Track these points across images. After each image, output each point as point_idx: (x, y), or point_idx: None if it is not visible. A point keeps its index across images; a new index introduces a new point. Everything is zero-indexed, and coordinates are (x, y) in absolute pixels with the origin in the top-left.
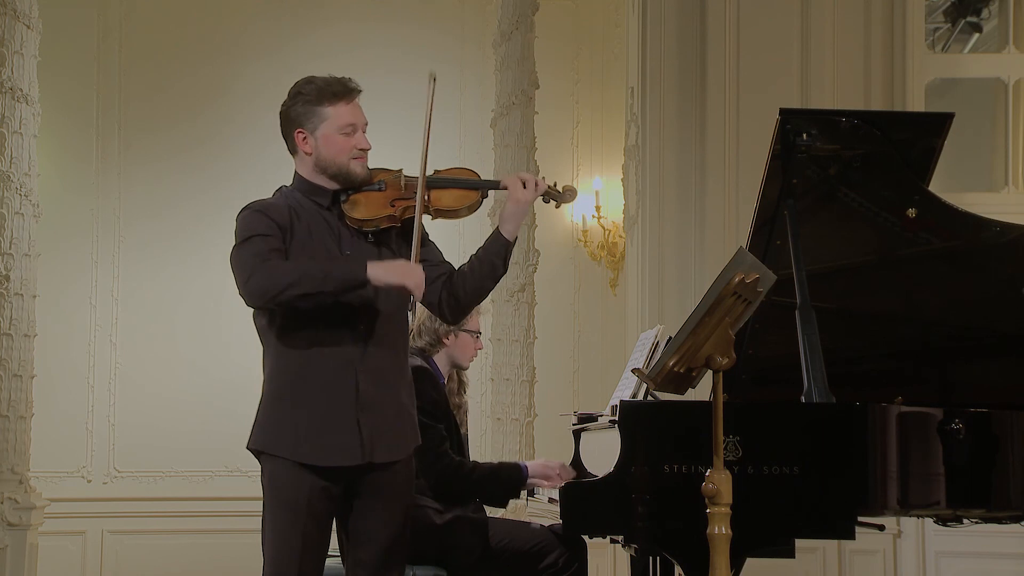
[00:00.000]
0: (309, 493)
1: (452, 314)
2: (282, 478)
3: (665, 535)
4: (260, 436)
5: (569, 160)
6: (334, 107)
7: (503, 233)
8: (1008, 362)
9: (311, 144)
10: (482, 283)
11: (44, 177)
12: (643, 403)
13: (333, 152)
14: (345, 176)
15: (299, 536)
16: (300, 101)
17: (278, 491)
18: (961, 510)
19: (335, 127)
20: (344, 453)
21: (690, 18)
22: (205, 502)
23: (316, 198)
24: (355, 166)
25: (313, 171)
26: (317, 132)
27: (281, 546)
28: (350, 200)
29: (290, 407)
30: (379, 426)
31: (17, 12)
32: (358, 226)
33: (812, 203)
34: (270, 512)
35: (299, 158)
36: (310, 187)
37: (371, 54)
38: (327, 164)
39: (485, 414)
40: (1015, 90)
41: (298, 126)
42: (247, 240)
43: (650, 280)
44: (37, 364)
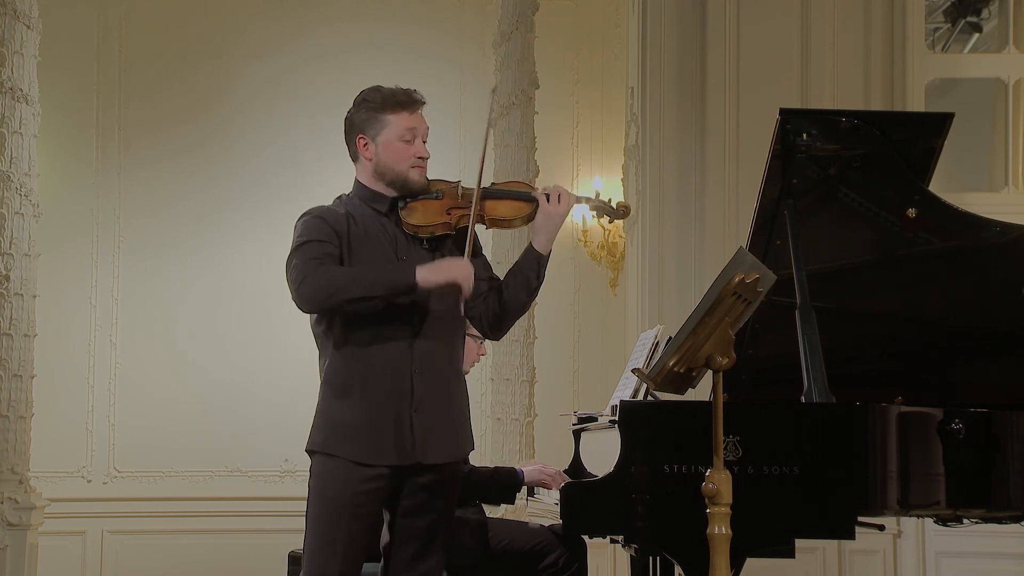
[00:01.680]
0: (355, 493)
1: (492, 329)
2: (332, 476)
3: (665, 535)
4: (317, 437)
5: (569, 160)
6: (396, 115)
7: (534, 246)
8: (1008, 362)
9: (372, 150)
10: (518, 297)
11: (44, 177)
12: (643, 403)
13: (392, 159)
14: (403, 183)
15: (343, 535)
16: (365, 108)
17: (325, 490)
18: (961, 510)
19: (396, 134)
20: (395, 453)
21: (690, 18)
22: (205, 502)
23: (374, 204)
24: (413, 174)
25: (372, 177)
26: (378, 138)
27: (323, 544)
28: (408, 207)
29: (346, 408)
30: (432, 427)
31: (17, 12)
32: (414, 232)
33: (812, 203)
34: (315, 508)
35: (360, 164)
36: (369, 193)
37: (371, 54)
38: (386, 170)
39: (485, 414)
40: (1015, 90)
41: (360, 132)
42: (302, 245)
43: (650, 280)
44: (37, 364)
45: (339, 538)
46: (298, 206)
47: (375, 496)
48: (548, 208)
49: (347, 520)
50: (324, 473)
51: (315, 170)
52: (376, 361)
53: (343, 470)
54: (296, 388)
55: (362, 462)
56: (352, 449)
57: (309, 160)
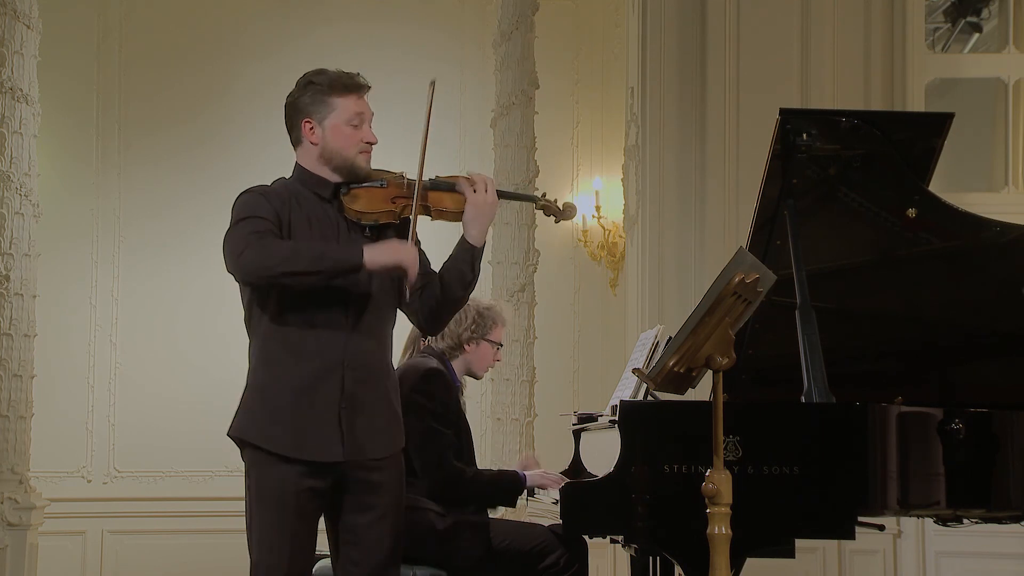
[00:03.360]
0: (296, 491)
1: (428, 323)
2: (267, 475)
3: (665, 535)
4: (243, 423)
5: (569, 160)
6: (343, 98)
7: (467, 239)
8: (1008, 362)
9: (318, 134)
10: (454, 292)
11: (44, 177)
12: (643, 403)
13: (340, 143)
14: (349, 168)
15: (287, 536)
16: (310, 91)
17: (263, 490)
18: (961, 510)
19: (343, 118)
20: (325, 449)
21: (690, 18)
22: (205, 502)
23: (316, 189)
24: (360, 159)
25: (317, 162)
26: (325, 122)
27: (269, 547)
28: (351, 193)
29: (274, 398)
30: (362, 423)
31: (17, 12)
32: (357, 218)
33: (812, 203)
34: (257, 511)
35: (303, 148)
36: (312, 178)
37: (371, 54)
38: (333, 155)
39: (485, 414)
40: (1015, 90)
41: (306, 115)
42: (244, 219)
43: (650, 280)
44: (37, 364)
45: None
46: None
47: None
48: (476, 199)
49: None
50: (260, 473)
51: None
52: (307, 352)
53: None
54: None
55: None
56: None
57: None
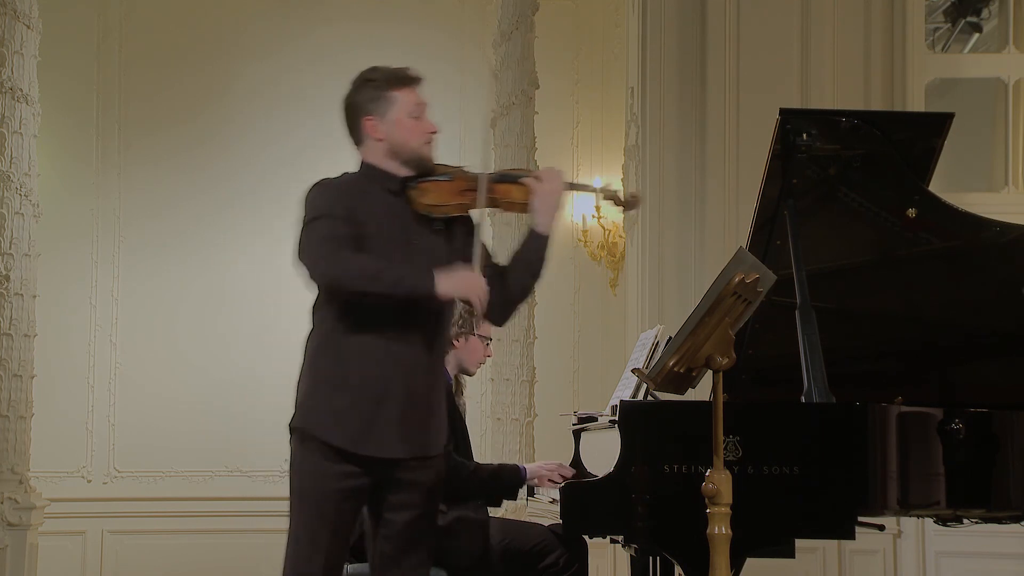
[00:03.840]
0: (340, 487)
1: (500, 316)
2: (315, 464)
3: (665, 535)
4: (304, 415)
5: (569, 160)
6: (402, 91)
7: (536, 229)
8: (1008, 362)
9: (382, 130)
10: (524, 281)
11: (44, 177)
12: (643, 403)
13: (405, 135)
14: (418, 160)
15: (328, 529)
16: (368, 88)
17: (309, 477)
18: (961, 510)
19: (405, 111)
20: (384, 446)
21: (690, 18)
22: (205, 502)
23: (385, 184)
24: (426, 150)
25: (385, 157)
26: (388, 116)
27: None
28: (419, 187)
29: (336, 392)
30: (419, 422)
31: (17, 12)
32: (427, 211)
33: (812, 203)
34: (299, 501)
35: (367, 146)
36: (379, 173)
37: (371, 54)
38: (400, 148)
39: (485, 414)
40: (1015, 90)
41: (367, 113)
42: (316, 220)
43: (650, 280)
44: (37, 364)
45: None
46: (298, 206)
47: (358, 490)
48: (542, 187)
49: (332, 513)
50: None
51: (315, 170)
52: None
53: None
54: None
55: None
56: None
57: (309, 160)
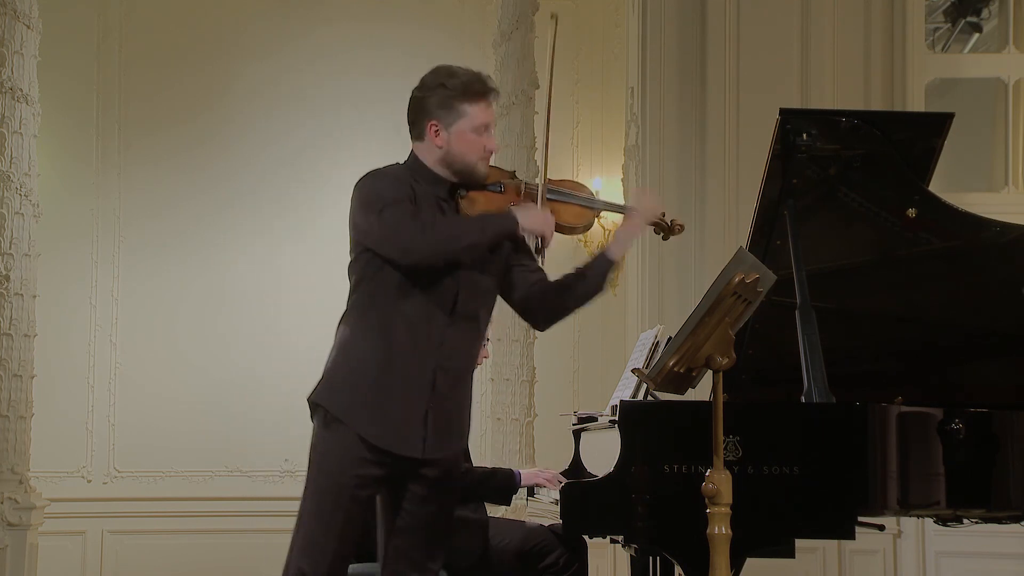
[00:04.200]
0: (359, 474)
1: (545, 322)
2: (337, 450)
3: (665, 535)
4: (330, 395)
5: (569, 160)
6: (473, 106)
7: (610, 256)
8: (1008, 362)
9: (444, 138)
10: (583, 298)
11: (44, 177)
12: (643, 403)
13: (464, 150)
14: (470, 174)
15: (341, 517)
16: (441, 93)
17: (328, 462)
18: (961, 510)
19: (471, 126)
20: (406, 444)
21: (690, 18)
22: (205, 502)
23: (433, 186)
24: (481, 166)
25: (438, 163)
26: (452, 127)
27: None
28: (468, 197)
29: (366, 380)
30: (444, 421)
31: (17, 12)
32: None
33: (812, 203)
34: (315, 485)
35: (424, 146)
36: (430, 176)
37: (371, 54)
38: (455, 160)
39: (485, 414)
40: (1015, 90)
41: (433, 118)
42: (387, 206)
43: (650, 280)
44: (37, 364)
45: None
46: (298, 206)
47: (375, 482)
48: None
49: (347, 501)
50: (331, 444)
51: (315, 170)
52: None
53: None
54: (296, 388)
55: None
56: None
57: (309, 160)
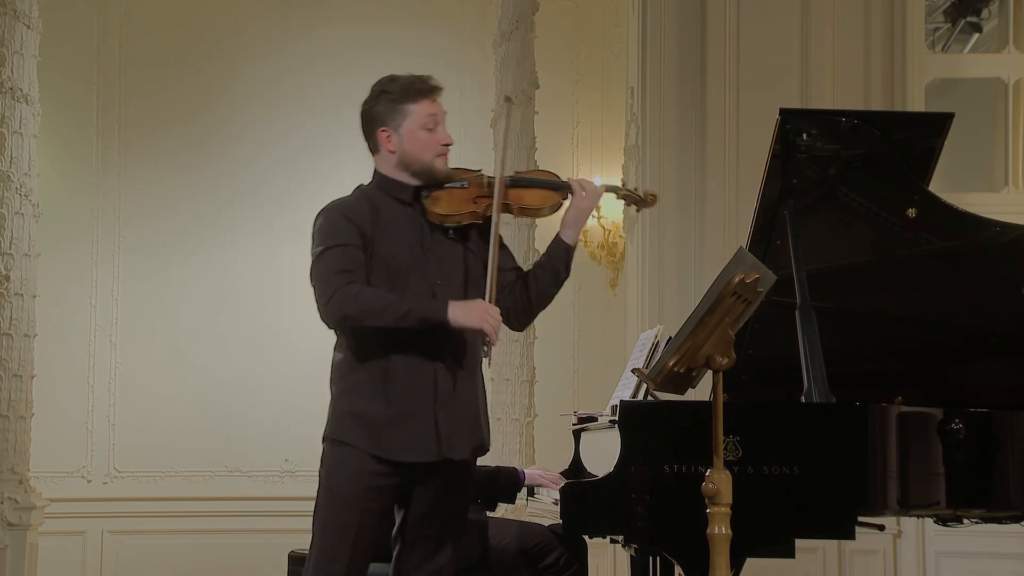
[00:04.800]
0: (369, 487)
1: (519, 321)
2: (346, 469)
3: (665, 535)
4: (338, 425)
5: (569, 160)
6: (417, 104)
7: (564, 239)
8: (1008, 362)
9: (395, 142)
10: (546, 290)
11: (44, 177)
12: (643, 403)
13: (417, 148)
14: (428, 172)
15: (354, 529)
16: (383, 100)
17: (337, 482)
18: (961, 510)
19: (418, 123)
20: (421, 449)
21: (690, 18)
22: (205, 502)
23: (397, 195)
24: (439, 162)
25: (396, 168)
26: (401, 129)
27: (333, 538)
28: (432, 196)
29: (368, 399)
30: (455, 422)
31: (17, 12)
32: (440, 221)
33: (812, 203)
34: (326, 502)
35: (380, 156)
36: (391, 184)
37: (371, 54)
38: (411, 161)
39: None
40: (1015, 90)
41: (381, 124)
42: (328, 250)
43: (650, 280)
44: (37, 364)
45: (350, 530)
46: (298, 206)
47: (387, 492)
48: (580, 202)
49: (358, 513)
50: (336, 462)
51: (315, 170)
52: (400, 353)
53: (360, 464)
54: (296, 388)
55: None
56: (374, 443)
57: (309, 160)
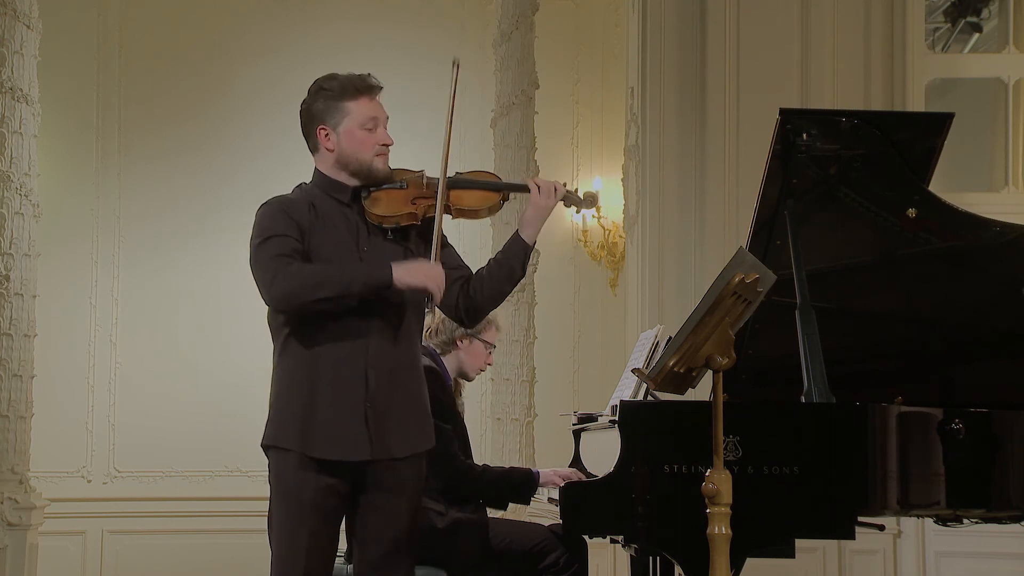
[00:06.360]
0: (315, 489)
1: (468, 317)
2: (289, 473)
3: (665, 535)
4: (270, 430)
5: (569, 160)
6: (356, 102)
7: (522, 237)
8: (1008, 362)
9: (333, 140)
10: (500, 286)
11: (44, 177)
12: (643, 403)
13: (355, 148)
14: (367, 172)
15: (305, 533)
16: (322, 97)
17: (284, 486)
18: (961, 510)
19: (357, 122)
20: (352, 448)
21: (690, 18)
22: (205, 502)
23: (336, 194)
24: (378, 162)
25: (334, 167)
26: (339, 128)
27: (287, 543)
28: (371, 197)
29: (299, 400)
30: (389, 421)
31: (17, 12)
32: (379, 222)
33: (812, 203)
34: (276, 507)
35: (320, 155)
36: (330, 183)
37: (371, 54)
38: (349, 160)
39: (485, 414)
40: (1015, 90)
41: (320, 122)
42: (267, 240)
43: (650, 280)
44: (37, 364)
45: (302, 533)
46: None
47: (334, 491)
48: (539, 200)
49: (309, 518)
50: (281, 470)
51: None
52: (331, 353)
53: (299, 467)
54: None
55: (316, 457)
56: (304, 444)
57: (309, 160)
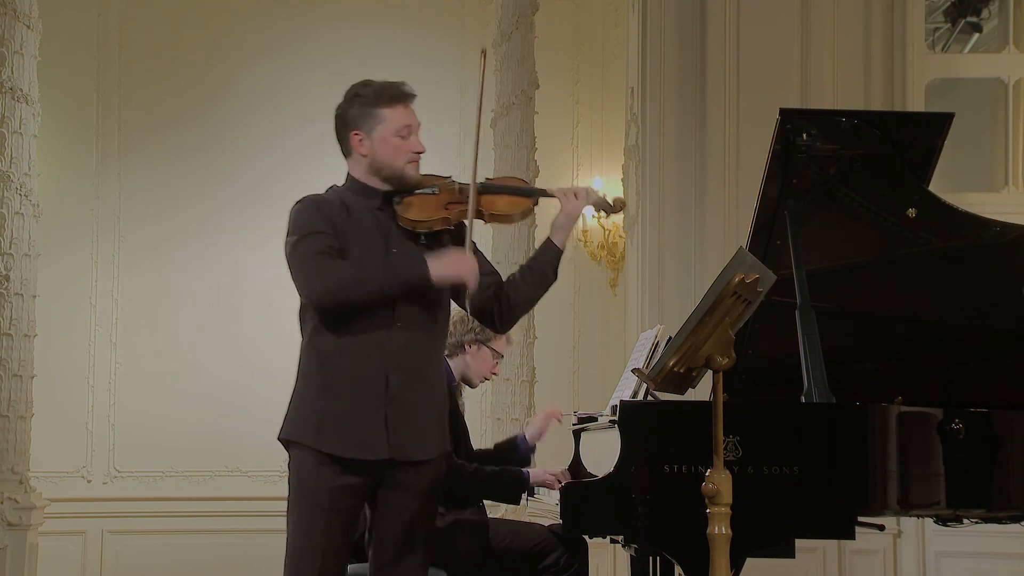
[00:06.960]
0: (332, 488)
1: (501, 322)
2: (307, 470)
3: (665, 535)
4: (288, 425)
5: (569, 160)
6: (391, 109)
7: (554, 242)
8: (1008, 362)
9: (367, 146)
10: (532, 291)
11: (44, 177)
12: (643, 403)
13: (389, 154)
14: (399, 179)
15: (321, 530)
16: (357, 103)
17: (302, 484)
18: (961, 510)
19: (392, 129)
20: (368, 447)
21: (690, 18)
22: (205, 502)
23: (368, 199)
24: (410, 169)
25: (367, 173)
26: (373, 134)
27: (303, 541)
28: (404, 202)
29: (319, 397)
30: (407, 423)
31: (17, 12)
32: (411, 227)
33: (812, 203)
34: (294, 504)
35: (353, 159)
36: (363, 188)
37: (371, 54)
38: (382, 166)
39: (485, 414)
40: (1015, 90)
41: (354, 128)
42: (305, 237)
43: (650, 280)
44: (37, 364)
45: (317, 532)
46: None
47: (352, 491)
48: (570, 206)
49: (324, 514)
50: (300, 467)
51: (315, 170)
52: (353, 351)
53: (317, 464)
54: None
55: (332, 454)
56: (321, 440)
57: (308, 160)
